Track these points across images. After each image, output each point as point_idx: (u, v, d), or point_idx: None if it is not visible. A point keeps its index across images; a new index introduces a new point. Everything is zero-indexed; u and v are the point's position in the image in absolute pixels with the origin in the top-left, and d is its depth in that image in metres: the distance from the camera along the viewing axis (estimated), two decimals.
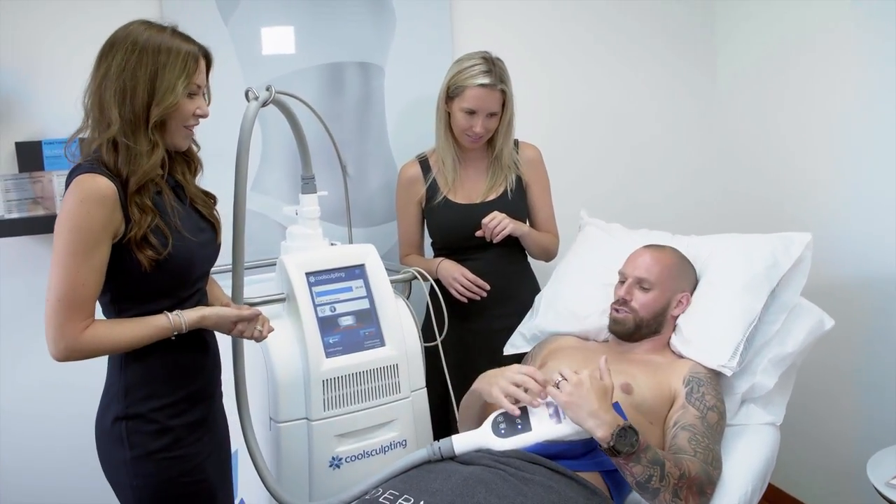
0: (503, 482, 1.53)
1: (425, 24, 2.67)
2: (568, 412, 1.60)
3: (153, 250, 1.54)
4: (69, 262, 1.48)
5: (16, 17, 2.28)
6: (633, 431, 1.56)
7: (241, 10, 2.48)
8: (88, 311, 1.51)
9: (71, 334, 1.49)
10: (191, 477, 1.64)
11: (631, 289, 2.05)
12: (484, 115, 2.28)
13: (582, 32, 2.89)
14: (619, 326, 2.05)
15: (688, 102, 3.07)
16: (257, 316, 1.70)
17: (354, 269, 2.05)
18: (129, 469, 1.59)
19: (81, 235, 1.48)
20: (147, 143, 1.55)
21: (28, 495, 2.46)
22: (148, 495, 1.60)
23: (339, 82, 2.61)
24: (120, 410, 1.60)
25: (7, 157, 2.31)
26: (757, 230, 2.23)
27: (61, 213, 1.50)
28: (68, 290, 1.48)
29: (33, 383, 2.40)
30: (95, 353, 1.53)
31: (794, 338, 2.03)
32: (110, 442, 1.61)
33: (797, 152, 2.70)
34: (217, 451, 1.74)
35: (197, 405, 1.68)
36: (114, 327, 1.55)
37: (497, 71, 2.28)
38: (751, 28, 2.87)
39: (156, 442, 1.60)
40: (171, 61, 1.55)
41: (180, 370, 1.64)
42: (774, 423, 2.00)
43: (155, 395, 1.61)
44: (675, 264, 2.10)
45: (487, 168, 2.42)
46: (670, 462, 1.60)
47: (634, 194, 3.01)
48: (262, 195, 2.57)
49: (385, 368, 1.99)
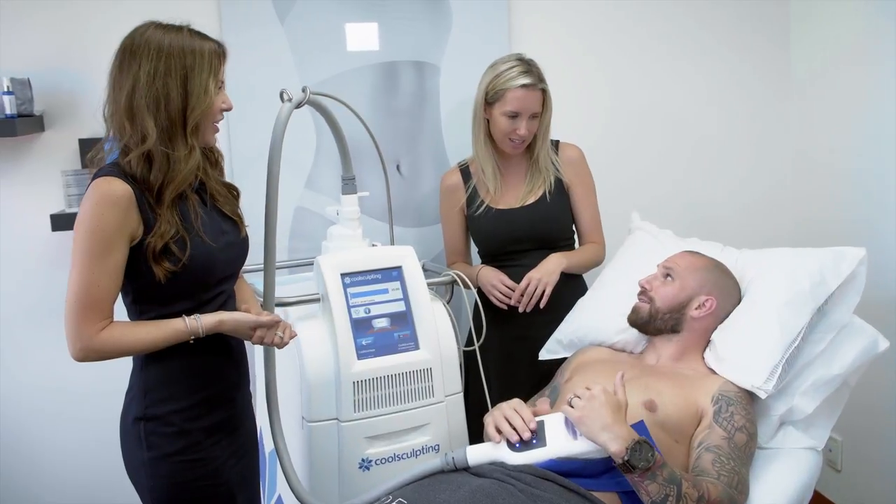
0: (511, 497, 1.50)
1: (482, 21, 2.64)
2: (581, 428, 1.55)
3: (170, 261, 1.55)
4: (84, 264, 1.51)
5: (80, 19, 2.38)
6: (648, 446, 1.51)
7: (297, 10, 2.50)
8: (105, 312, 1.53)
9: (87, 335, 1.51)
10: (207, 481, 1.66)
11: (653, 278, 2.03)
12: (527, 116, 2.24)
13: (643, 29, 2.81)
14: (633, 315, 2.04)
15: (754, 104, 2.94)
16: (277, 322, 1.69)
17: (391, 270, 2.04)
18: (147, 469, 1.62)
19: (96, 237, 1.50)
20: (185, 148, 1.56)
21: (61, 492, 2.57)
22: (164, 496, 1.63)
23: (393, 81, 2.61)
24: (139, 411, 1.62)
25: (71, 153, 2.41)
26: (822, 243, 2.11)
27: (78, 216, 1.53)
28: (84, 292, 1.51)
29: (88, 373, 2.48)
30: (112, 355, 1.56)
31: (842, 359, 1.91)
32: (130, 441, 1.64)
33: (876, 159, 2.54)
34: (238, 455, 1.75)
35: (216, 409, 1.69)
36: (131, 329, 1.57)
37: (535, 70, 2.25)
38: (827, 22, 2.72)
39: (173, 444, 1.62)
40: (199, 62, 1.55)
41: (199, 373, 1.65)
42: (815, 448, 1.89)
43: (173, 397, 1.63)
44: (706, 266, 2.04)
45: (526, 172, 2.37)
46: (688, 483, 1.54)
47: (691, 200, 2.92)
48: (316, 193, 2.60)
49: (418, 372, 1.97)
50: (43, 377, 2.48)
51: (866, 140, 2.58)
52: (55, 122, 2.40)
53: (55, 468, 2.55)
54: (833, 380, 1.91)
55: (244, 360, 1.79)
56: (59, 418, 2.52)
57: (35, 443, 2.53)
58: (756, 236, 2.62)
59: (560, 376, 2.08)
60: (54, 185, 2.38)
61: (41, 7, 2.35)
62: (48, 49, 2.37)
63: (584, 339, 2.18)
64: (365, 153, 2.29)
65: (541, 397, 2.04)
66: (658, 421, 1.74)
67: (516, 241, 2.33)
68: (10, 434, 2.50)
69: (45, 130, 2.39)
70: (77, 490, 2.58)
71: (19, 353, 2.47)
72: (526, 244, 2.33)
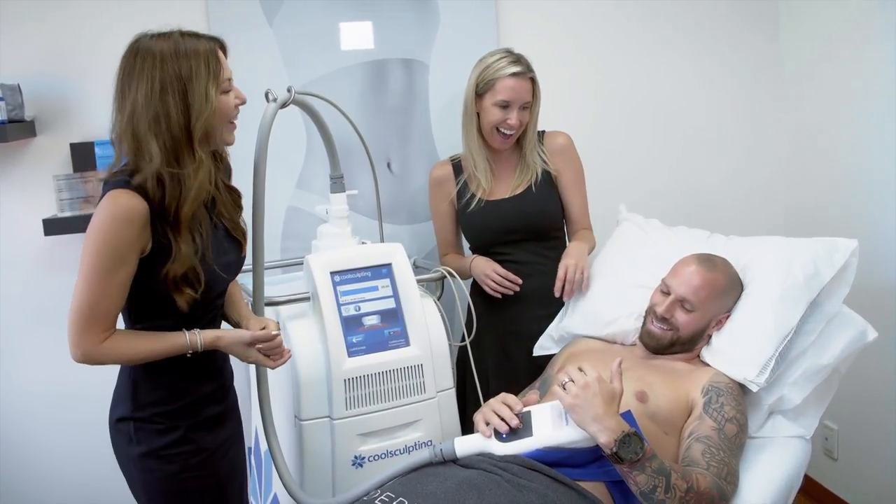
0: (497, 488, 1.50)
1: (469, 18, 2.65)
2: (572, 415, 1.55)
3: (191, 289, 1.56)
4: (93, 277, 1.50)
5: (69, 23, 2.38)
6: (637, 438, 1.51)
7: (285, 11, 2.51)
8: (109, 323, 1.54)
9: (90, 343, 1.52)
10: (197, 471, 1.68)
11: (672, 307, 1.95)
12: (517, 106, 2.25)
13: (632, 23, 2.81)
14: (652, 341, 1.98)
15: (745, 95, 2.94)
16: (274, 337, 1.69)
17: (381, 268, 2.05)
18: (138, 464, 1.65)
19: (109, 252, 1.49)
20: (193, 162, 1.53)
21: (61, 495, 2.59)
22: (155, 489, 1.66)
23: (382, 80, 2.61)
24: (127, 410, 1.65)
25: (63, 157, 2.41)
26: (813, 232, 2.11)
27: (92, 226, 1.51)
28: (90, 304, 1.51)
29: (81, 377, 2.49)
30: (112, 363, 1.58)
31: (832, 349, 1.91)
32: (120, 438, 1.67)
33: (868, 149, 2.53)
34: (226, 444, 1.77)
35: (204, 408, 1.71)
36: (132, 341, 1.57)
37: (524, 60, 2.27)
38: (816, 12, 2.72)
39: (161, 439, 1.64)
40: (195, 70, 1.51)
41: (187, 375, 1.67)
42: (804, 437, 1.89)
43: (161, 399, 1.65)
44: (724, 286, 1.98)
45: (516, 166, 2.38)
46: (677, 474, 1.54)
47: (683, 191, 2.92)
48: (307, 192, 2.60)
49: (409, 368, 1.98)
50: (38, 382, 2.50)
51: (856, 129, 2.57)
52: (46, 127, 2.41)
53: (53, 472, 2.56)
54: (822, 370, 1.91)
55: (228, 362, 1.81)
56: (55, 422, 2.53)
57: (32, 447, 2.54)
58: (748, 226, 2.61)
59: (551, 368, 2.08)
60: (46, 189, 2.38)
61: (31, 13, 2.35)
62: (38, 54, 2.37)
63: (574, 332, 2.18)
64: (355, 152, 2.29)
65: (531, 390, 2.04)
66: (648, 412, 1.74)
67: (508, 232, 2.33)
68: (6, 439, 2.52)
69: (37, 136, 2.40)
70: (77, 493, 2.59)
71: (14, 358, 2.48)
72: (516, 235, 2.33)
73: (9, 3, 2.34)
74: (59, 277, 2.43)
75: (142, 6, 2.38)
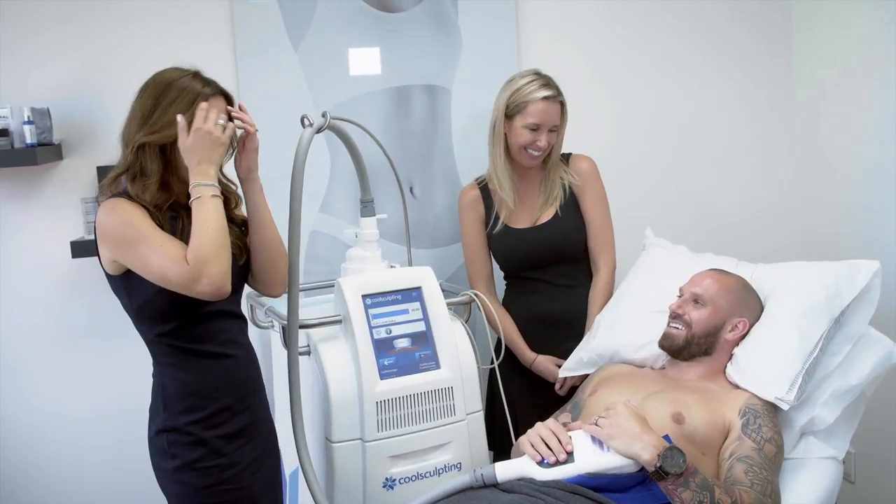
0: None
1: (490, 42, 2.69)
2: (611, 444, 1.57)
3: None
4: (144, 243, 1.59)
5: (97, 49, 2.42)
6: (679, 452, 1.53)
7: (310, 36, 2.54)
8: (181, 248, 1.61)
9: (188, 272, 1.58)
10: (229, 485, 1.72)
11: (685, 304, 2.02)
12: (547, 129, 2.27)
13: (649, 47, 2.86)
14: (668, 341, 2.02)
15: (759, 115, 2.99)
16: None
17: (411, 291, 2.06)
18: (173, 477, 1.71)
19: (134, 223, 1.61)
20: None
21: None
22: (189, 502, 1.71)
23: (406, 105, 2.65)
24: (160, 424, 1.71)
25: (90, 180, 2.43)
26: (832, 254, 2.13)
27: (101, 230, 1.64)
28: (160, 250, 1.59)
29: (109, 398, 2.52)
30: (210, 256, 1.59)
31: (859, 370, 1.94)
32: (156, 452, 1.73)
33: (883, 171, 2.56)
34: (260, 459, 1.81)
35: (233, 417, 1.75)
36: (195, 236, 1.61)
37: (554, 84, 2.30)
38: (829, 32, 2.76)
39: (194, 453, 1.70)
40: (178, 97, 1.66)
41: (211, 384, 1.73)
42: (836, 458, 1.92)
43: (188, 409, 1.70)
44: (736, 288, 2.04)
45: (539, 186, 2.40)
46: (720, 489, 1.56)
47: (700, 211, 2.96)
48: (331, 217, 2.63)
49: (440, 391, 1.99)
50: (63, 404, 2.50)
51: (870, 151, 2.61)
52: (73, 151, 2.43)
53: (81, 494, 2.56)
54: (851, 390, 1.94)
55: (254, 368, 1.86)
56: (80, 444, 2.54)
57: (54, 470, 2.53)
58: (765, 248, 2.64)
59: (582, 392, 2.10)
60: (74, 212, 2.41)
61: (60, 38, 2.39)
62: (66, 78, 2.41)
63: (605, 356, 2.19)
64: (378, 176, 2.32)
65: (563, 413, 2.06)
66: (686, 433, 1.76)
67: (534, 259, 2.36)
68: (30, 462, 2.51)
69: (64, 158, 2.42)
70: None
71: (40, 380, 2.49)
72: (544, 261, 2.36)
73: (39, 29, 2.37)
74: (86, 299, 2.44)
75: (170, 35, 2.41)
